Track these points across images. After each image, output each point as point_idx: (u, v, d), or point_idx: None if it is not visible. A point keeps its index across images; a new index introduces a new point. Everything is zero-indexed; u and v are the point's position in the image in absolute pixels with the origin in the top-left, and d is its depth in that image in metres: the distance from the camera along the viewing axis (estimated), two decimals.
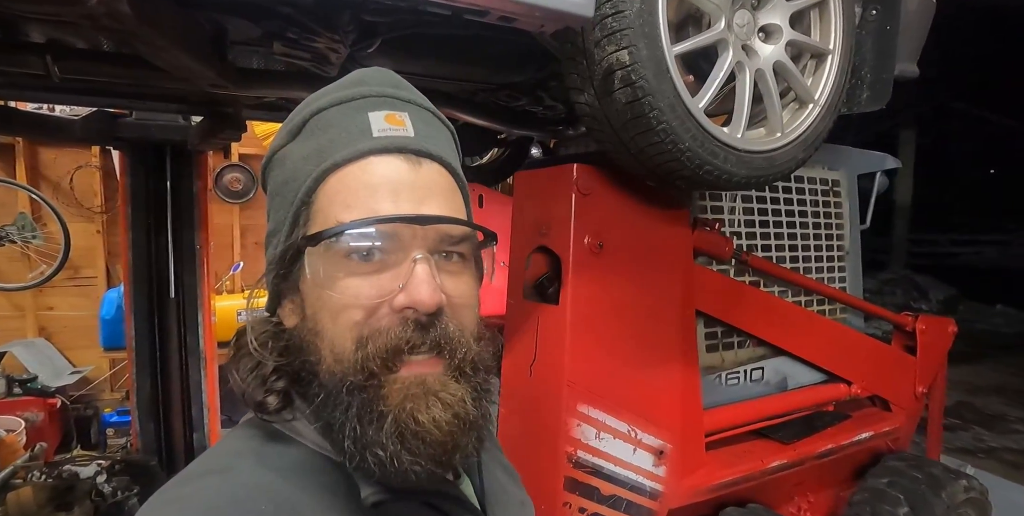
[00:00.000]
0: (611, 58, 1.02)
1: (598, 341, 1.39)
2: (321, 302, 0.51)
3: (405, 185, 0.52)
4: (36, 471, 2.37)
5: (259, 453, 0.51)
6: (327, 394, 0.50)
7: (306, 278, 0.52)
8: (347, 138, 0.52)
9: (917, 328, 2.10)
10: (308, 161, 0.53)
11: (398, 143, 0.52)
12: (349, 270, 0.50)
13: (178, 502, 0.46)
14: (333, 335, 0.50)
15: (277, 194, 0.56)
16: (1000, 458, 4.19)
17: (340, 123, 0.53)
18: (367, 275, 0.50)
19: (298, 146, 0.55)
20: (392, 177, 0.51)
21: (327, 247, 0.50)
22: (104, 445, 3.82)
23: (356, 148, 0.52)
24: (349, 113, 0.54)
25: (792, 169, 1.30)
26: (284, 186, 0.55)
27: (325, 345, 0.51)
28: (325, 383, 0.50)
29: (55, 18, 0.88)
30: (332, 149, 0.52)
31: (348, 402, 0.49)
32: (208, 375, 2.67)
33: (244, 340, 0.55)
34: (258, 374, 0.53)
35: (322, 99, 0.55)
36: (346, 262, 0.50)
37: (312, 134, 0.54)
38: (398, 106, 0.55)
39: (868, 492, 1.86)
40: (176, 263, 2.60)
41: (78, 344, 4.13)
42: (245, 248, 4.67)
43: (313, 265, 0.51)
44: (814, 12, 1.31)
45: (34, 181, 4.00)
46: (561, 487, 1.34)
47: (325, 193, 0.52)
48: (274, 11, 1.05)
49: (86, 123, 2.25)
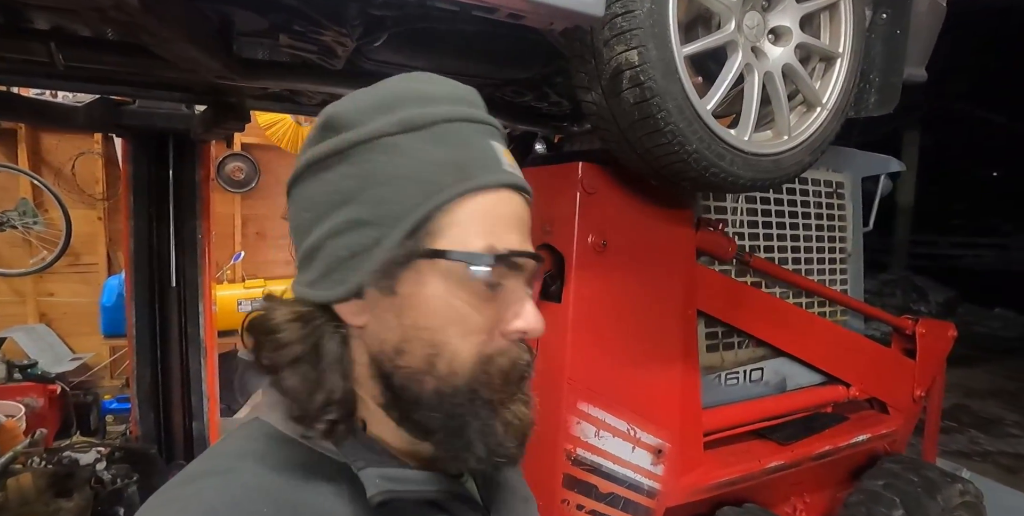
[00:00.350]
0: (620, 58, 1.02)
1: (599, 339, 1.40)
2: (451, 318, 0.52)
3: (523, 223, 0.56)
4: (36, 457, 2.38)
5: (261, 454, 0.51)
6: (446, 403, 0.52)
7: (427, 287, 0.52)
8: (486, 163, 0.54)
9: (917, 331, 2.11)
10: (443, 170, 0.52)
11: (520, 183, 0.56)
12: (483, 291, 0.53)
13: (178, 503, 0.46)
14: (458, 349, 0.52)
15: (382, 184, 0.52)
16: (996, 462, 4.21)
17: (475, 144, 0.54)
18: (493, 300, 0.54)
19: (424, 146, 0.52)
20: (518, 214, 0.55)
21: (474, 268, 0.51)
22: (103, 432, 3.83)
23: (497, 178, 0.54)
24: (479, 137, 0.55)
25: (798, 172, 1.30)
26: (399, 181, 0.52)
27: (443, 357, 0.52)
28: (444, 393, 0.52)
29: (62, 7, 0.88)
30: (474, 170, 0.53)
31: (467, 409, 0.53)
32: (208, 364, 2.67)
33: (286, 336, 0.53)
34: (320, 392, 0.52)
35: (443, 106, 0.54)
36: (482, 283, 0.52)
37: (443, 142, 0.53)
38: (505, 142, 0.58)
39: (864, 494, 1.87)
40: (177, 252, 2.59)
41: (79, 331, 4.14)
42: (246, 238, 4.68)
43: (452, 281, 0.52)
44: (824, 15, 1.30)
45: (36, 167, 3.99)
46: (560, 484, 1.35)
47: (466, 212, 0.52)
48: (281, 3, 1.05)
49: (89, 110, 2.24)
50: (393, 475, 0.52)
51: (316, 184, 0.54)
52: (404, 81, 0.57)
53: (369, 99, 0.55)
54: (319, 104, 2.01)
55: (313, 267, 0.54)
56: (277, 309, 0.55)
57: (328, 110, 0.55)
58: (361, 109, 0.54)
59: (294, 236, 0.57)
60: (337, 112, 0.54)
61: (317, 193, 0.54)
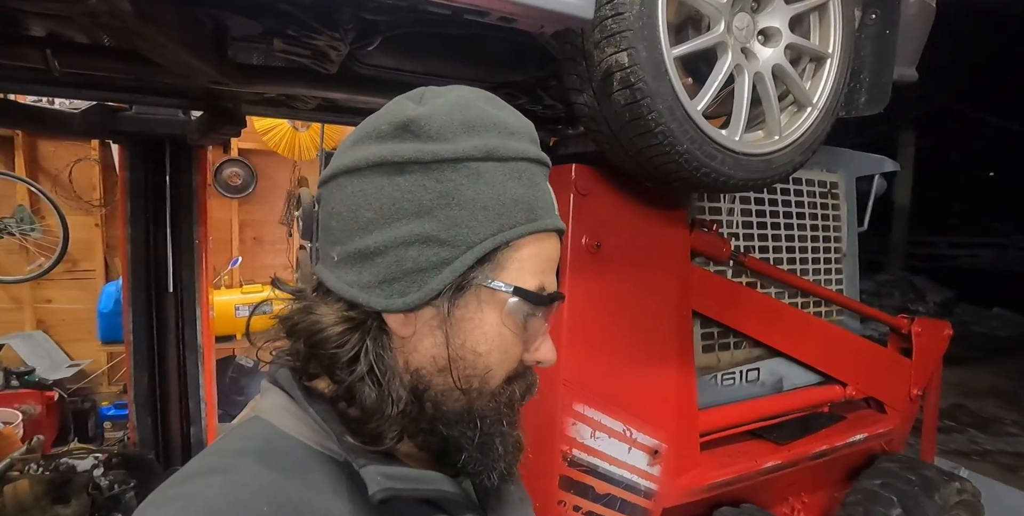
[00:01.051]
0: (610, 60, 1.02)
1: (594, 340, 1.40)
2: (500, 346, 0.56)
3: (556, 264, 0.60)
4: (33, 464, 2.37)
5: (261, 452, 0.51)
6: (465, 417, 0.56)
7: (486, 314, 0.55)
8: (547, 207, 0.58)
9: (913, 331, 2.11)
10: (518, 207, 0.54)
11: (560, 226, 0.60)
12: (524, 325, 0.57)
13: (178, 501, 0.46)
14: (495, 373, 0.57)
15: (462, 207, 0.52)
16: (994, 460, 4.21)
17: (541, 186, 0.58)
18: (521, 333, 0.58)
19: (503, 179, 0.54)
20: (557, 256, 0.60)
21: (527, 303, 0.56)
22: (101, 438, 3.82)
23: (555, 223, 0.58)
24: (542, 178, 0.59)
25: (790, 172, 1.30)
26: (477, 207, 0.53)
27: (479, 376, 0.56)
28: (470, 408, 0.56)
29: (56, 13, 0.88)
30: (540, 211, 0.57)
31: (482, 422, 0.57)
32: (206, 369, 2.67)
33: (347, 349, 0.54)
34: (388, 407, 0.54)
35: (522, 143, 0.56)
36: (526, 317, 0.57)
37: (520, 180, 0.55)
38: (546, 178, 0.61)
39: (861, 493, 1.87)
40: (174, 257, 2.60)
41: (76, 337, 4.13)
42: (244, 243, 4.67)
43: (507, 312, 0.56)
44: (814, 16, 1.31)
45: (33, 174, 3.99)
46: (556, 485, 1.35)
47: (528, 250, 0.56)
48: (274, 8, 1.05)
49: (85, 116, 2.25)
50: (393, 473, 0.52)
51: (387, 185, 0.53)
52: (482, 102, 0.57)
53: (456, 114, 0.54)
54: (315, 109, 2.02)
55: (369, 269, 0.53)
56: (319, 309, 0.55)
57: (410, 112, 0.54)
58: (448, 124, 0.53)
59: (339, 227, 0.55)
60: (422, 117, 0.53)
61: (387, 195, 0.52)
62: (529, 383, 0.61)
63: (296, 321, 0.56)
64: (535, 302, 0.56)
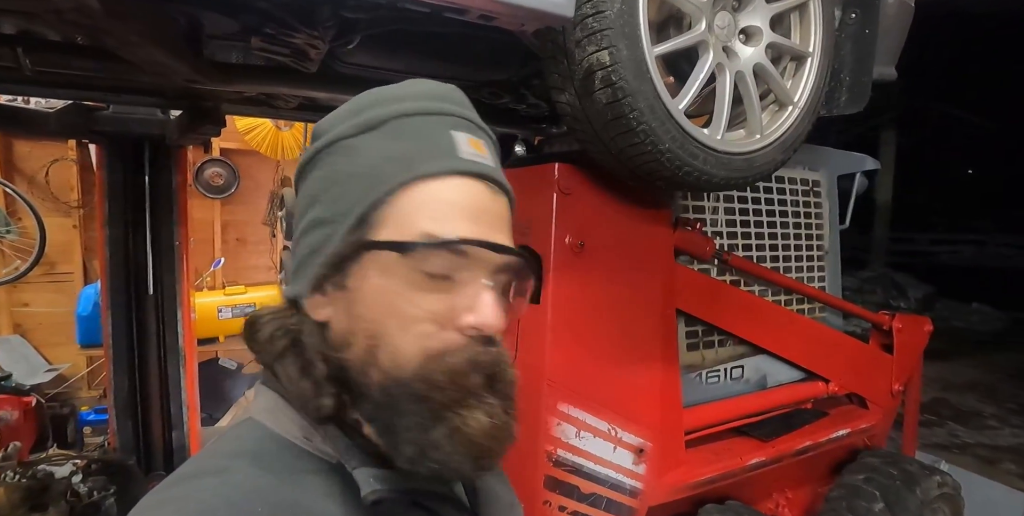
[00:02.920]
0: (591, 58, 1.02)
1: (578, 340, 1.40)
2: (390, 308, 0.51)
3: (484, 212, 0.53)
4: (9, 471, 2.32)
5: (255, 454, 0.51)
6: (387, 398, 0.51)
7: (367, 277, 0.52)
8: (436, 152, 0.53)
9: (894, 327, 2.14)
10: (391, 163, 0.53)
11: (483, 170, 0.54)
12: (426, 282, 0.51)
13: (172, 503, 0.46)
14: (400, 343, 0.51)
15: (338, 183, 0.54)
16: (974, 453, 4.28)
17: (427, 134, 0.54)
18: (442, 290, 0.52)
19: (376, 143, 0.54)
20: (475, 202, 0.53)
21: (410, 255, 0.51)
22: (81, 444, 3.75)
23: (447, 165, 0.53)
24: (436, 127, 0.54)
25: (771, 171, 1.31)
26: (351, 178, 0.54)
27: (386, 350, 0.51)
28: (386, 387, 0.51)
29: (19, 10, 0.86)
30: (420, 159, 0.53)
31: (408, 408, 0.50)
32: (187, 373, 2.63)
33: (265, 333, 0.56)
34: (310, 376, 0.53)
35: (405, 103, 0.55)
36: (424, 273, 0.51)
37: (396, 136, 0.54)
38: (476, 132, 0.56)
39: (845, 488, 1.89)
40: (154, 259, 2.55)
41: (54, 341, 4.05)
42: (226, 244, 4.62)
43: (390, 270, 0.51)
44: (794, 15, 1.32)
45: (8, 174, 3.90)
46: (541, 485, 1.34)
47: (408, 200, 0.52)
48: (250, 6, 1.03)
49: (61, 116, 2.20)
50: (385, 475, 0.52)
51: (299, 193, 0.58)
52: (387, 87, 0.58)
53: (345, 106, 0.57)
54: (296, 108, 1.99)
55: (293, 264, 0.58)
56: (263, 310, 0.58)
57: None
58: (333, 117, 0.57)
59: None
60: (317, 123, 0.58)
61: (299, 201, 0.58)
62: (469, 356, 0.51)
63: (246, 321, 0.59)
64: (407, 251, 0.50)
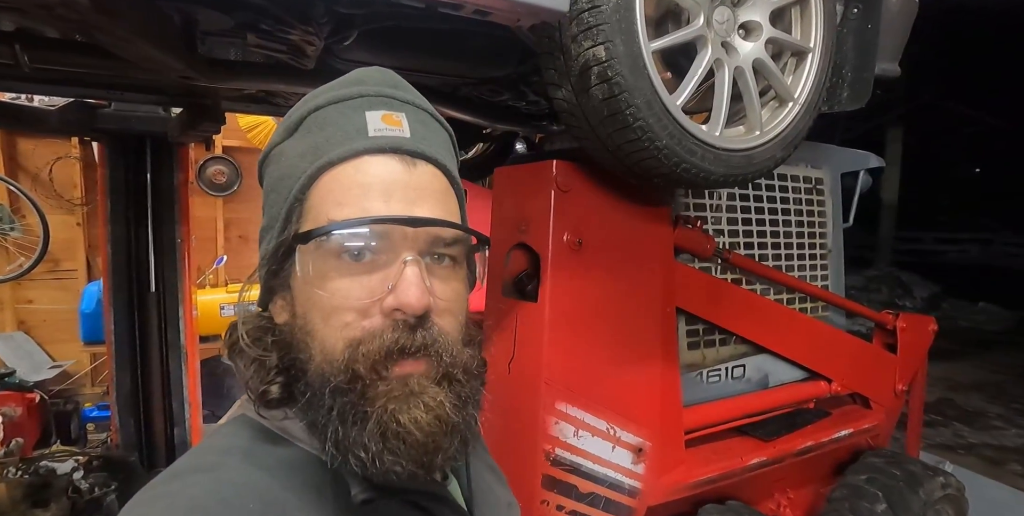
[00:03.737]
0: (587, 54, 1.01)
1: (577, 338, 1.39)
2: (312, 301, 0.51)
3: (398, 185, 0.51)
4: (12, 467, 2.34)
5: (247, 451, 0.51)
6: (312, 393, 0.50)
7: (297, 276, 0.52)
8: (343, 137, 0.52)
9: (898, 326, 2.12)
10: (303, 158, 0.53)
11: (393, 143, 0.52)
12: (340, 270, 0.50)
13: (165, 499, 0.46)
14: (324, 335, 0.50)
15: (272, 190, 0.56)
16: (980, 454, 4.25)
17: (337, 121, 0.53)
18: (357, 275, 0.50)
19: (294, 143, 0.55)
20: (385, 177, 0.51)
21: (318, 246, 0.50)
22: (84, 440, 3.77)
23: (351, 147, 0.51)
24: (346, 112, 0.53)
25: (771, 167, 1.30)
26: (279, 182, 0.55)
27: (316, 345, 0.51)
28: (312, 382, 0.51)
29: (7, 6, 0.85)
30: (327, 147, 0.52)
31: (331, 403, 0.49)
32: (189, 370, 2.64)
33: (237, 334, 0.56)
34: (260, 366, 0.54)
35: (320, 97, 0.55)
36: (336, 261, 0.50)
37: (309, 132, 0.54)
38: (396, 106, 0.55)
39: (847, 489, 1.87)
40: (156, 257, 2.57)
41: (58, 338, 4.07)
42: (229, 241, 4.62)
43: (304, 263, 0.51)
44: (795, 10, 1.30)
45: (12, 172, 3.92)
46: (539, 485, 1.34)
47: (318, 191, 0.52)
48: (245, 2, 1.03)
49: (63, 114, 2.21)
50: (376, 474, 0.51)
51: None
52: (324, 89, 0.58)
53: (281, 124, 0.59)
54: None
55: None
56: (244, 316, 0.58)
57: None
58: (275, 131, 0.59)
59: None
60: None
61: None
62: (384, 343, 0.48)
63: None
64: (315, 237, 0.49)
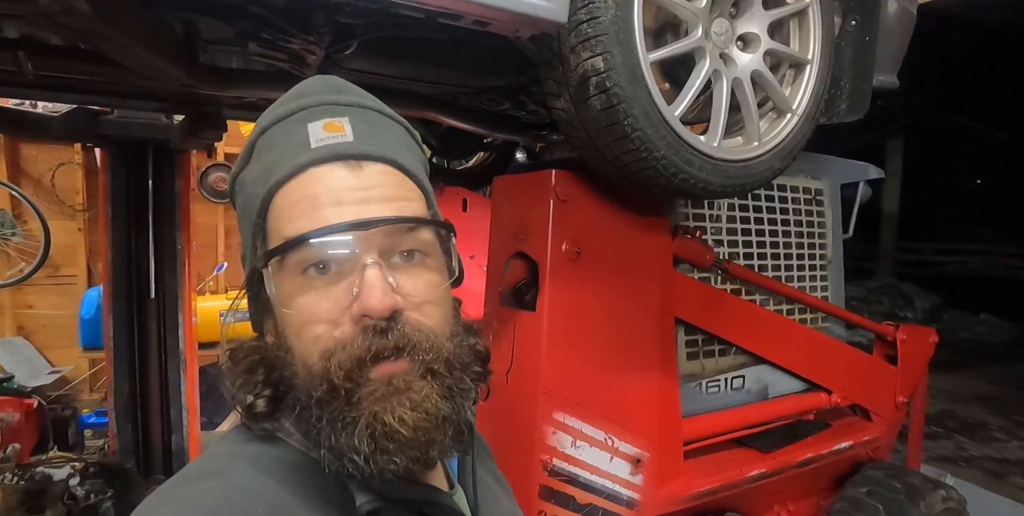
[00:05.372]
0: (586, 64, 1.01)
1: (575, 348, 1.38)
2: (285, 320, 0.52)
3: (347, 190, 0.51)
4: (8, 473, 2.33)
5: (255, 457, 0.52)
6: (302, 406, 0.51)
7: (272, 297, 0.52)
8: (288, 154, 0.52)
9: (898, 338, 2.11)
10: (257, 183, 0.53)
11: (335, 150, 0.52)
12: (305, 284, 0.50)
13: (174, 504, 0.46)
14: (301, 350, 0.51)
15: (241, 218, 0.57)
16: (981, 466, 4.21)
17: (282, 140, 0.53)
18: (323, 288, 0.50)
19: (251, 168, 0.55)
20: (332, 185, 0.51)
21: (279, 265, 0.51)
22: (82, 446, 3.75)
23: (295, 162, 0.51)
24: (289, 128, 0.53)
25: (769, 178, 1.30)
26: (243, 209, 0.56)
27: (296, 360, 0.51)
28: (299, 396, 0.51)
29: (8, 13, 0.86)
30: (275, 167, 0.52)
31: (319, 413, 0.50)
32: (188, 376, 2.63)
33: (235, 357, 0.56)
34: (248, 382, 0.54)
35: (266, 118, 0.56)
36: (302, 277, 0.50)
37: (259, 155, 0.55)
38: (338, 111, 0.54)
39: (847, 501, 1.86)
40: (157, 263, 2.57)
41: (57, 343, 4.08)
42: (229, 248, 4.64)
43: (272, 285, 0.51)
44: (793, 22, 1.31)
45: (15, 178, 3.95)
46: (536, 495, 1.33)
47: (274, 212, 0.52)
48: (245, 11, 1.04)
49: (66, 120, 2.22)
50: (382, 485, 0.52)
51: None
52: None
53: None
54: None
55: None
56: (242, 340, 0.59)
57: None
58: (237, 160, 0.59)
59: None
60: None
61: None
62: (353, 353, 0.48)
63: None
64: (272, 257, 0.50)
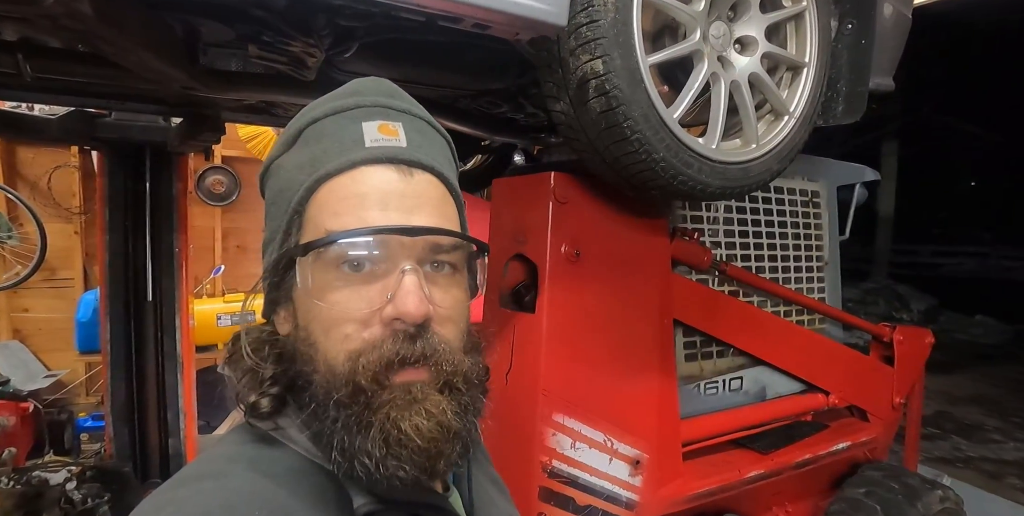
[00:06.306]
0: (585, 67, 1.02)
1: (574, 350, 1.39)
2: (312, 313, 0.51)
3: (395, 195, 0.52)
4: (4, 477, 2.31)
5: (252, 459, 0.51)
6: (318, 405, 0.51)
7: (297, 288, 0.52)
8: (339, 148, 0.52)
9: (894, 339, 2.12)
10: (301, 171, 0.53)
11: (389, 153, 0.52)
12: (339, 281, 0.51)
13: (171, 506, 0.46)
14: (326, 347, 0.51)
15: (273, 203, 0.57)
16: (978, 467, 4.23)
17: (333, 133, 0.54)
18: (356, 286, 0.50)
19: (293, 156, 0.55)
20: (382, 187, 0.52)
21: (316, 257, 0.51)
22: (78, 450, 3.74)
23: (348, 158, 0.52)
24: (343, 123, 0.54)
25: (767, 180, 1.31)
26: (279, 195, 0.55)
27: (319, 357, 0.51)
28: (316, 394, 0.51)
29: (11, 15, 0.86)
30: (325, 159, 0.52)
31: (335, 415, 0.50)
32: (185, 380, 2.63)
33: (239, 345, 0.56)
34: (253, 378, 0.54)
35: (317, 109, 0.56)
36: (336, 273, 0.50)
37: (306, 144, 0.54)
38: (392, 116, 0.55)
39: (845, 502, 1.86)
40: (154, 266, 2.56)
41: (53, 347, 4.05)
42: (227, 251, 4.62)
43: (304, 275, 0.51)
44: (790, 25, 1.32)
45: (11, 180, 3.93)
46: (536, 497, 1.33)
47: (316, 203, 0.52)
48: (246, 14, 1.04)
49: (63, 123, 2.22)
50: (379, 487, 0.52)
51: None
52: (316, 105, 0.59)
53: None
54: None
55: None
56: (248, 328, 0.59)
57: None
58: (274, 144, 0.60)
59: None
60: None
61: None
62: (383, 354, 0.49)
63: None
64: (314, 249, 0.50)
